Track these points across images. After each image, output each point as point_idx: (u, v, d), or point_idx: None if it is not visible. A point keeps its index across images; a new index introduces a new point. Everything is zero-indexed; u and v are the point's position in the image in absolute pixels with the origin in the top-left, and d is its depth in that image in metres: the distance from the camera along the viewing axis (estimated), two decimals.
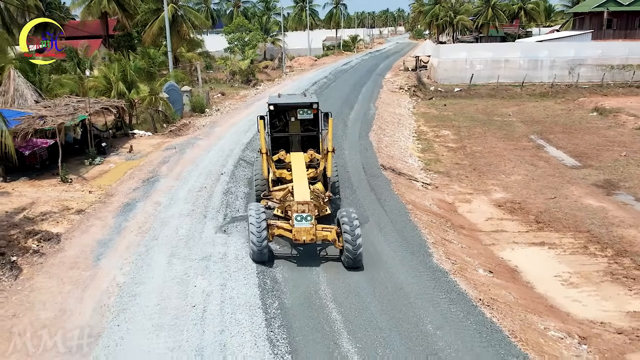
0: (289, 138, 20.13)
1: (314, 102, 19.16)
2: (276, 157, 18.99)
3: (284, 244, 16.48)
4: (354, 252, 14.17)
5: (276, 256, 15.45)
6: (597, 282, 16.77)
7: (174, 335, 11.61)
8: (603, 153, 31.85)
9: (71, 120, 26.98)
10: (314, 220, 14.71)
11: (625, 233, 20.23)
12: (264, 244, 14.51)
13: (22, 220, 19.93)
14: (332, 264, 15.22)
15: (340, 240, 14.65)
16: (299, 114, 19.33)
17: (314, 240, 14.75)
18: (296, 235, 14.57)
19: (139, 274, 14.78)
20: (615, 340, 13.63)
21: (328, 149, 17.59)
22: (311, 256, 15.72)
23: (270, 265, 14.84)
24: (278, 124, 20.11)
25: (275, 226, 15.25)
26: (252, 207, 15.14)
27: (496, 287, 15.20)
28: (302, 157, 18.50)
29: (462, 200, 24.43)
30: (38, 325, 12.67)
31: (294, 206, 14.87)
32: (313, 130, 19.90)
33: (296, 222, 14.59)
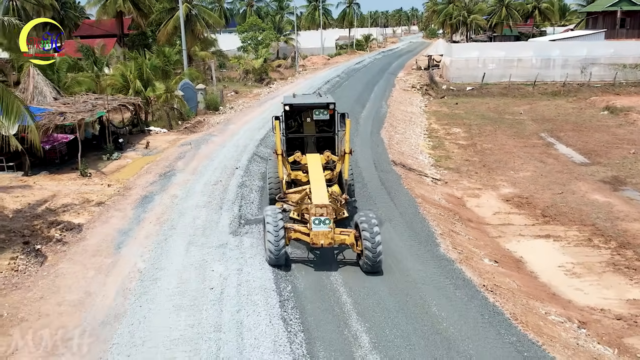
0: (303, 139, 19.72)
1: (331, 102, 18.71)
2: (292, 158, 18.45)
3: (299, 247, 16.11)
4: (374, 258, 13.85)
5: (292, 260, 15.13)
6: (599, 273, 17.30)
7: (194, 314, 12.36)
8: (612, 150, 32.24)
9: (90, 117, 27.81)
10: (332, 224, 14.34)
11: (630, 227, 20.72)
12: (282, 248, 14.19)
13: (45, 212, 20.75)
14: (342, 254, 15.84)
15: (359, 244, 14.31)
16: (315, 115, 18.86)
17: (332, 244, 14.38)
18: (314, 239, 14.22)
19: (158, 260, 15.53)
20: (613, 325, 14.19)
21: (345, 151, 17.03)
22: (328, 260, 15.37)
23: (287, 270, 14.53)
24: (292, 124, 19.79)
25: (292, 230, 14.87)
26: (268, 211, 14.77)
27: (500, 275, 15.79)
28: (318, 159, 17.96)
29: (470, 195, 24.99)
30: (65, 306, 13.43)
31: (312, 209, 14.43)
32: (329, 131, 19.54)
33: (314, 225, 14.22)
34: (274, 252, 14.15)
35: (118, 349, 11.31)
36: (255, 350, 10.95)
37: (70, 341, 11.84)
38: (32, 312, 13.28)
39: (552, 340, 11.92)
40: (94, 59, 43.25)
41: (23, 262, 16.44)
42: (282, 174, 17.77)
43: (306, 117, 19.44)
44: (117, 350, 11.26)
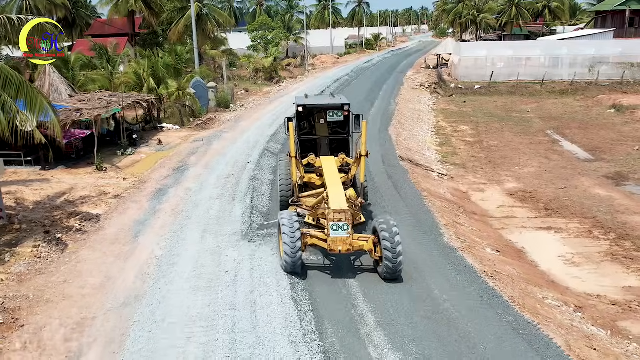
0: (316, 141, 19.16)
1: (346, 103, 18.00)
2: (305, 161, 17.62)
3: (314, 252, 15.54)
4: (394, 264, 13.37)
5: (308, 266, 14.56)
6: (598, 262, 17.94)
7: (210, 295, 13.17)
8: (616, 147, 32.77)
9: (106, 113, 28.66)
10: (350, 230, 13.79)
11: (630, 219, 21.32)
12: (298, 254, 13.68)
13: (64, 203, 21.61)
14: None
15: (378, 250, 13.89)
16: (329, 116, 18.22)
17: (350, 251, 13.86)
18: (332, 246, 13.70)
19: (175, 247, 16.34)
20: (608, 310, 14.85)
21: (361, 153, 16.48)
22: (344, 266, 14.87)
23: (304, 277, 14.04)
24: (305, 126, 19.20)
25: (309, 235, 14.39)
26: (284, 216, 14.20)
27: (501, 263, 16.47)
28: (333, 162, 17.18)
29: (475, 189, 25.65)
30: (87, 289, 14.24)
31: (329, 214, 13.82)
32: (342, 133, 19.03)
33: (332, 231, 13.65)
34: (290, 259, 13.66)
35: (140, 325, 12.10)
36: (268, 325, 11.74)
37: (95, 319, 12.64)
38: (56, 294, 14.10)
39: (547, 320, 12.61)
40: (107, 57, 44.22)
41: (45, 249, 17.27)
42: (295, 177, 17.20)
43: (319, 118, 18.92)
44: (139, 327, 12.05)
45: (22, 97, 16.99)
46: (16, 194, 22.31)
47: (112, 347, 11.47)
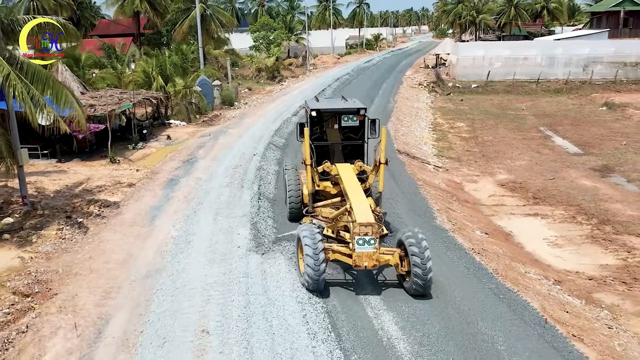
0: (329, 147, 18.15)
1: (361, 107, 17.14)
2: (321, 168, 16.68)
3: (332, 266, 14.62)
4: (424, 279, 12.70)
5: (328, 282, 13.65)
6: (579, 244, 19.42)
7: (224, 266, 14.69)
8: (605, 142, 34.25)
9: (118, 108, 30.17)
10: (377, 244, 13.00)
11: (612, 207, 22.79)
12: (322, 272, 12.85)
13: (82, 192, 23.08)
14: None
15: (404, 264, 13.21)
16: (344, 121, 17.20)
17: (376, 267, 13.06)
18: (357, 261, 12.87)
19: (190, 228, 17.85)
20: (585, 284, 16.32)
21: (380, 161, 15.62)
22: (366, 280, 14.16)
23: (327, 295, 13.22)
24: (315, 131, 18.17)
25: (331, 250, 13.45)
26: (305, 230, 13.31)
27: (489, 243, 17.97)
28: (351, 170, 16.23)
29: (469, 180, 27.12)
30: (112, 264, 15.72)
31: (355, 228, 12.95)
32: (355, 138, 18.25)
33: (358, 246, 12.82)
34: (314, 277, 12.79)
35: (162, 292, 13.59)
36: (278, 289, 13.28)
37: (121, 288, 14.13)
38: (83, 269, 15.57)
39: (526, 289, 14.10)
40: (115, 56, 45.79)
41: (69, 231, 18.74)
42: (311, 186, 16.25)
43: (332, 123, 18.05)
44: (162, 293, 13.54)
45: (49, 91, 18.44)
46: (36, 183, 23.74)
47: (138, 310, 12.94)
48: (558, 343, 11.31)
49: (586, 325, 12.88)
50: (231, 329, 11.59)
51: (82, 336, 11.96)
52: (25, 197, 20.82)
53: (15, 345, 11.87)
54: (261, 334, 11.42)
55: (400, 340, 11.40)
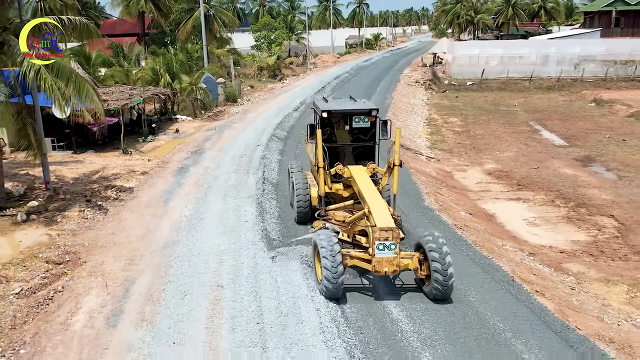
0: (338, 149, 17.89)
1: (373, 108, 16.75)
2: (333, 171, 16.33)
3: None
4: (445, 283, 12.48)
5: (346, 288, 13.25)
6: (555, 223, 21.30)
7: (234, 236, 16.67)
8: (590, 136, 36.13)
9: (130, 103, 32.10)
10: (398, 249, 12.71)
11: (589, 192, 24.66)
12: (341, 279, 12.55)
13: (99, 179, 24.99)
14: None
15: (424, 268, 13.05)
16: (354, 122, 16.77)
17: (396, 272, 12.85)
18: (377, 267, 12.64)
19: (201, 208, 19.77)
20: (556, 256, 18.20)
21: (395, 163, 15.31)
22: (383, 285, 13.89)
23: (344, 302, 12.93)
24: (325, 132, 17.41)
25: (349, 256, 13.21)
26: (322, 236, 13.04)
27: (472, 221, 19.85)
28: (365, 172, 15.92)
29: (458, 169, 29.01)
30: (132, 238, 17.61)
31: (375, 233, 12.67)
32: (366, 140, 18.03)
33: (378, 251, 12.56)
34: (332, 284, 12.52)
35: (180, 259, 15.49)
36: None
37: (142, 257, 16.02)
38: (107, 242, 17.46)
39: (500, 256, 15.99)
40: (123, 55, 47.77)
41: (90, 212, 20.62)
42: (323, 188, 15.84)
43: (342, 124, 17.94)
44: (179, 260, 15.44)
45: (71, 85, 20.30)
46: (55, 172, 25.59)
47: (159, 273, 14.83)
48: (522, 296, 13.20)
49: (550, 285, 14.79)
50: (242, 284, 13.54)
51: (112, 294, 13.83)
52: (49, 183, 22.71)
53: (54, 301, 13.75)
54: (268, 287, 13.37)
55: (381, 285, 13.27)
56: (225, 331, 11.54)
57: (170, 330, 11.76)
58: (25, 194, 22.65)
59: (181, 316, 12.29)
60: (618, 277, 16.64)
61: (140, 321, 12.33)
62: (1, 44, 20.02)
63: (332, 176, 16.45)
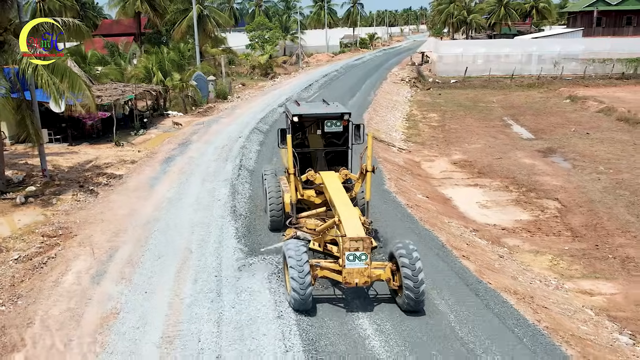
0: (311, 154, 17.57)
1: (345, 112, 16.19)
2: (304, 177, 15.98)
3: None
4: (416, 295, 12.01)
5: (316, 298, 12.81)
6: (504, 205, 23.50)
7: (207, 212, 18.98)
8: (557, 129, 38.32)
9: (123, 98, 34.32)
10: (369, 260, 12.26)
11: (541, 179, 26.85)
12: (309, 290, 12.04)
13: (91, 167, 27.16)
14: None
15: (396, 278, 12.53)
16: (327, 127, 16.13)
17: (367, 283, 12.38)
18: (347, 278, 12.20)
19: (181, 191, 22.00)
20: (498, 232, 20.41)
21: (367, 169, 14.87)
22: (357, 297, 13.30)
23: (314, 314, 12.41)
24: (296, 137, 17.32)
25: (319, 267, 12.78)
26: (290, 246, 12.53)
27: (425, 202, 22.05)
28: (337, 178, 15.65)
29: (427, 160, 31.21)
30: (118, 216, 19.80)
31: (345, 243, 12.20)
32: (338, 145, 17.63)
33: (348, 262, 12.12)
34: (300, 295, 12.00)
35: (159, 231, 17.70)
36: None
37: (127, 230, 18.20)
38: (96, 219, 19.64)
39: (441, 230, 18.17)
40: (118, 54, 50.04)
41: (82, 196, 22.78)
42: (294, 196, 15.33)
43: (314, 129, 17.52)
44: (158, 232, 17.65)
45: (66, 80, 22.48)
46: (52, 161, 27.73)
47: (140, 243, 17.00)
48: (448, 259, 15.39)
49: (479, 252, 17.00)
50: (207, 248, 15.84)
51: (97, 259, 16.01)
52: (45, 170, 24.89)
53: (48, 265, 15.94)
54: (230, 250, 15.61)
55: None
56: (188, 282, 13.80)
57: (144, 283, 13.99)
58: (24, 181, 24.78)
59: (154, 273, 14.53)
60: (547, 249, 18.87)
61: (120, 279, 14.53)
62: (2, 43, 22.18)
63: (304, 182, 16.00)
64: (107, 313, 12.80)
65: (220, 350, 10.89)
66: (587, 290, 15.88)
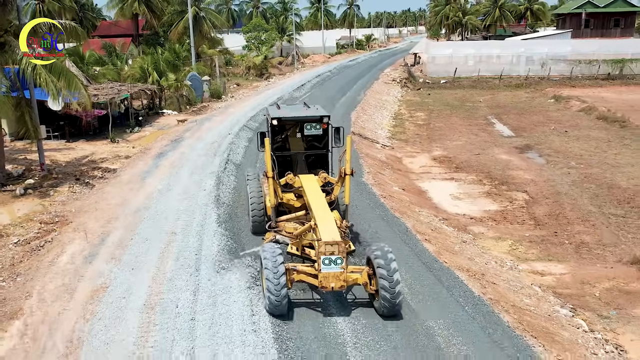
0: (291, 157, 17.48)
1: (324, 115, 16.28)
2: (284, 180, 16.03)
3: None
4: (392, 300, 12.03)
5: (294, 302, 13.10)
6: (475, 197, 24.93)
7: (192, 200, 20.47)
8: (538, 127, 39.79)
9: (118, 97, 35.78)
10: (344, 264, 12.26)
11: (514, 173, 28.28)
12: (283, 293, 12.07)
13: (88, 162, 28.60)
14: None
15: (373, 282, 12.48)
16: (306, 130, 16.33)
17: (343, 287, 12.39)
18: (323, 282, 12.19)
19: (171, 182, 23.46)
20: (466, 221, 21.83)
21: (346, 172, 15.07)
22: (335, 300, 13.35)
23: (289, 318, 12.46)
24: (277, 140, 17.25)
25: (295, 271, 12.75)
26: (266, 249, 12.58)
27: (400, 194, 23.49)
28: (315, 182, 15.62)
29: (408, 155, 32.66)
30: (111, 205, 21.23)
31: (320, 247, 12.25)
32: (320, 148, 17.51)
33: (324, 266, 12.15)
34: (275, 299, 12.07)
35: (148, 218, 19.14)
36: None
37: (118, 218, 19.62)
38: (90, 208, 21.07)
39: (409, 217, 19.61)
40: (115, 54, 51.53)
41: (78, 188, 24.22)
42: (273, 199, 15.51)
43: (294, 132, 17.48)
44: (147, 219, 19.08)
45: (63, 79, 23.91)
46: (50, 156, 29.15)
47: (130, 228, 18.43)
48: (410, 242, 16.83)
49: (441, 237, 18.44)
50: (191, 231, 17.35)
51: (90, 242, 17.43)
52: (43, 164, 26.31)
53: (45, 248, 17.38)
54: (210, 232, 17.08)
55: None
56: (171, 260, 15.28)
57: (131, 262, 15.46)
58: (23, 174, 26.20)
59: (141, 253, 16.00)
60: (509, 235, 20.32)
61: (110, 259, 15.96)
62: (2, 44, 23.61)
63: (283, 186, 16.05)
64: (98, 287, 14.22)
65: (195, 314, 12.38)
66: (539, 271, 17.32)
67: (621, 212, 22.47)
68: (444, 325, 12.04)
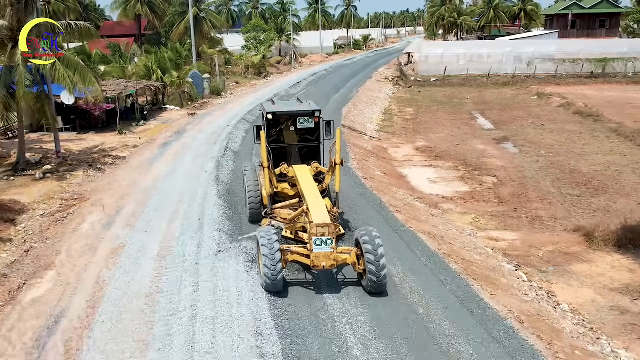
0: (286, 149, 18.67)
1: (316, 109, 17.70)
2: (278, 170, 17.35)
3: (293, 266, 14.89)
4: (378, 278, 13.04)
5: (289, 282, 14.10)
6: (450, 181, 27.65)
7: (195, 180, 23.32)
8: (516, 121, 42.53)
9: (125, 92, 38.57)
10: (334, 244, 13.41)
11: (488, 161, 31.02)
12: (279, 274, 13.09)
13: (99, 151, 31.33)
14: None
15: (361, 262, 13.49)
16: (299, 123, 17.76)
17: (334, 266, 13.46)
18: (315, 262, 13.23)
19: (176, 167, 26.26)
20: (438, 200, 24.56)
21: (336, 162, 16.24)
22: (327, 280, 14.35)
23: (285, 295, 13.49)
24: (272, 133, 18.57)
25: (289, 252, 13.80)
26: (262, 232, 13.61)
27: (381, 178, 26.23)
28: (308, 171, 16.93)
29: (393, 146, 35.39)
30: (123, 186, 23.97)
31: (312, 229, 13.34)
32: (311, 140, 18.83)
33: (315, 246, 13.21)
34: (271, 278, 13.04)
35: (156, 195, 21.91)
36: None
37: (130, 195, 22.37)
38: (104, 188, 23.82)
39: (385, 194, 22.35)
40: (120, 54, 54.34)
41: (92, 172, 26.94)
42: (269, 188, 16.59)
43: (288, 125, 18.66)
44: (155, 196, 21.83)
45: (78, 73, 26.63)
46: (64, 146, 31.75)
47: (141, 203, 21.17)
48: (383, 212, 19.58)
49: (412, 210, 21.20)
50: (195, 201, 20.21)
51: (107, 214, 20.18)
52: (59, 152, 29.04)
53: (67, 218, 20.13)
54: (211, 203, 19.87)
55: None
56: (178, 224, 18.10)
57: (144, 226, 18.28)
58: (41, 161, 28.90)
59: (152, 220, 18.83)
60: (474, 211, 23.06)
61: (126, 225, 18.73)
62: None
63: (278, 176, 17.25)
64: (116, 246, 16.99)
65: (199, 260, 15.21)
66: (494, 237, 20.06)
67: (577, 193, 25.20)
68: (401, 270, 14.78)
